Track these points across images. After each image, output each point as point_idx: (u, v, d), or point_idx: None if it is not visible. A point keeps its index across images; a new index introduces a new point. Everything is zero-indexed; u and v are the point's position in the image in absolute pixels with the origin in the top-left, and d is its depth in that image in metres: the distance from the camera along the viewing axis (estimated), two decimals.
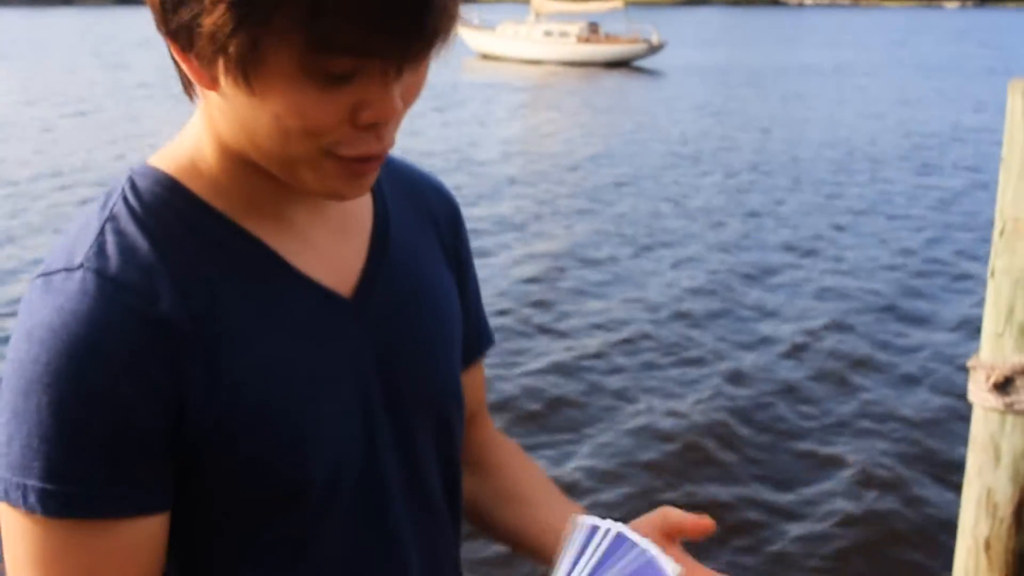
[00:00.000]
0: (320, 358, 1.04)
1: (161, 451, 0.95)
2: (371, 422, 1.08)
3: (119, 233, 0.97)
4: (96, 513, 0.93)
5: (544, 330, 7.96)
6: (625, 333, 7.91)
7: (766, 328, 8.13)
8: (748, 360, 7.37)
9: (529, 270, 9.51)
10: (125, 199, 1.01)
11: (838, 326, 8.17)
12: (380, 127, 0.97)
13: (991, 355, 3.03)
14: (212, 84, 0.95)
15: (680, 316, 8.41)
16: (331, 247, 1.09)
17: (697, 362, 7.32)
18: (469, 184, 13.45)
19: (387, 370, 1.10)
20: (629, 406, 6.49)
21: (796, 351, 7.58)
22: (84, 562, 0.93)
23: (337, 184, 0.98)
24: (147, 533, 0.96)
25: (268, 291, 1.02)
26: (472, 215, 11.40)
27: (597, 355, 7.42)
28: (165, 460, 0.96)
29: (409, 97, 0.98)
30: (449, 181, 12.72)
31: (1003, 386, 2.99)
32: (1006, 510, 3.09)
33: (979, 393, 3.05)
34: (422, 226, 1.21)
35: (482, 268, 9.01)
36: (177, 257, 0.97)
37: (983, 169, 15.15)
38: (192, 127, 1.06)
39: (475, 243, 7.24)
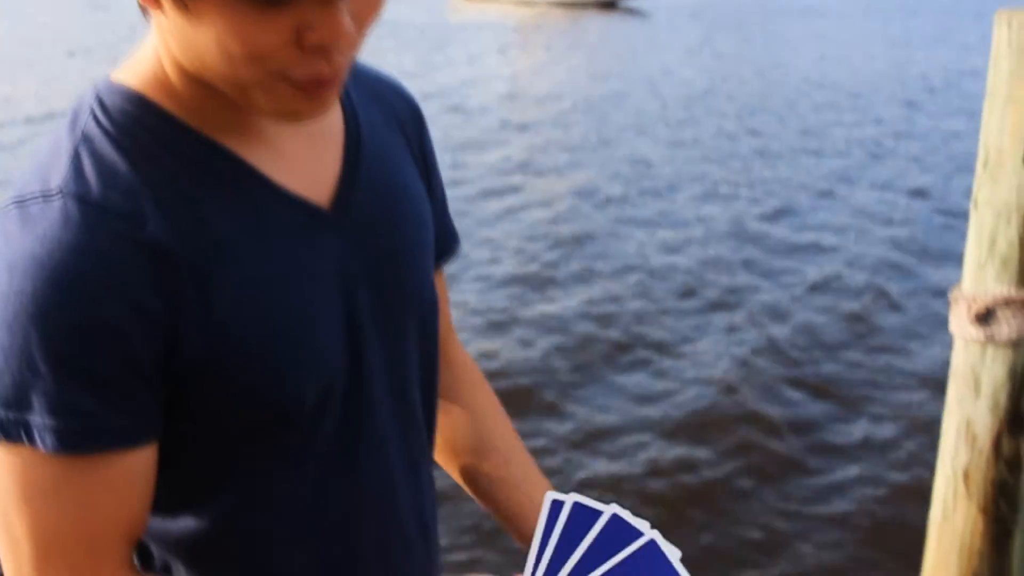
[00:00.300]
0: (307, 273, 1.02)
1: (156, 380, 0.94)
2: (359, 334, 1.07)
3: (95, 155, 0.94)
4: (92, 446, 0.91)
5: (548, 277, 7.94)
6: (633, 276, 7.89)
7: (776, 268, 8.13)
8: (758, 299, 7.37)
9: (537, 214, 9.47)
10: (96, 119, 0.97)
11: (849, 265, 8.18)
12: (330, 50, 0.92)
13: (973, 286, 3.03)
14: (155, 2, 0.91)
15: (680, 261, 8.42)
16: (305, 158, 1.07)
17: (706, 303, 7.32)
18: (460, 127, 13.37)
19: (371, 280, 1.08)
20: (645, 351, 6.49)
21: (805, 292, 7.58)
22: (79, 496, 0.92)
23: (292, 106, 0.95)
24: (141, 463, 0.96)
25: (251, 207, 1.00)
26: (465, 161, 11.35)
27: (608, 299, 7.41)
28: (159, 388, 0.95)
29: (364, 18, 0.93)
30: (439, 124, 12.71)
31: (984, 317, 2.99)
32: (985, 441, 3.11)
33: (960, 324, 3.06)
34: (390, 130, 1.19)
35: (480, 213, 9.07)
36: (158, 177, 0.94)
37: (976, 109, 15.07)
38: (151, 42, 1.02)
39: (471, 188, 7.18)
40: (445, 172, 1.28)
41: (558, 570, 1.05)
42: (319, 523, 1.09)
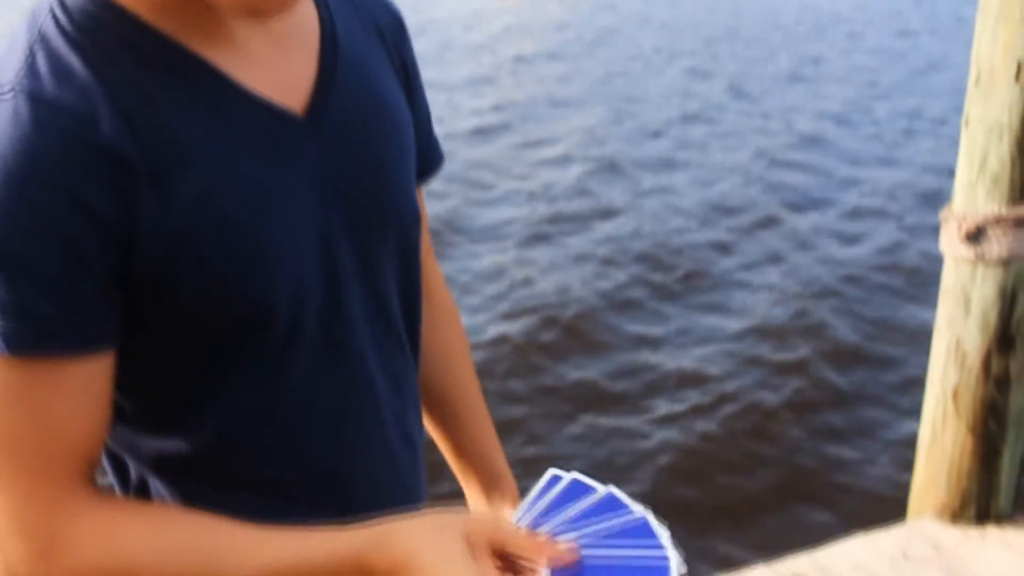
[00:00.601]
0: (276, 179, 1.00)
1: (110, 284, 0.91)
2: (332, 243, 1.05)
3: (51, 54, 0.91)
4: (44, 350, 0.90)
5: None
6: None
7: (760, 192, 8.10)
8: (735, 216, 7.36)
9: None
10: (55, 17, 0.94)
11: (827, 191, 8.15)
12: None
13: (963, 205, 3.02)
14: None
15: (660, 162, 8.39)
16: (278, 63, 1.03)
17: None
18: (457, 63, 13.23)
19: (346, 189, 1.06)
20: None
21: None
22: (31, 401, 0.91)
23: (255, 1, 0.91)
24: (96, 370, 0.94)
25: (216, 112, 0.97)
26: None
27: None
28: (115, 294, 0.92)
29: None
30: (438, 60, 12.55)
31: (975, 236, 2.99)
32: (975, 360, 3.12)
33: (950, 243, 3.05)
34: (369, 38, 1.15)
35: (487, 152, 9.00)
36: (117, 78, 0.92)
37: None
38: None
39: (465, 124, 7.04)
40: (443, 109, 1.25)
41: (541, 524, 1.05)
42: (300, 436, 1.08)
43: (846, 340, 5.61)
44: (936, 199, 7.58)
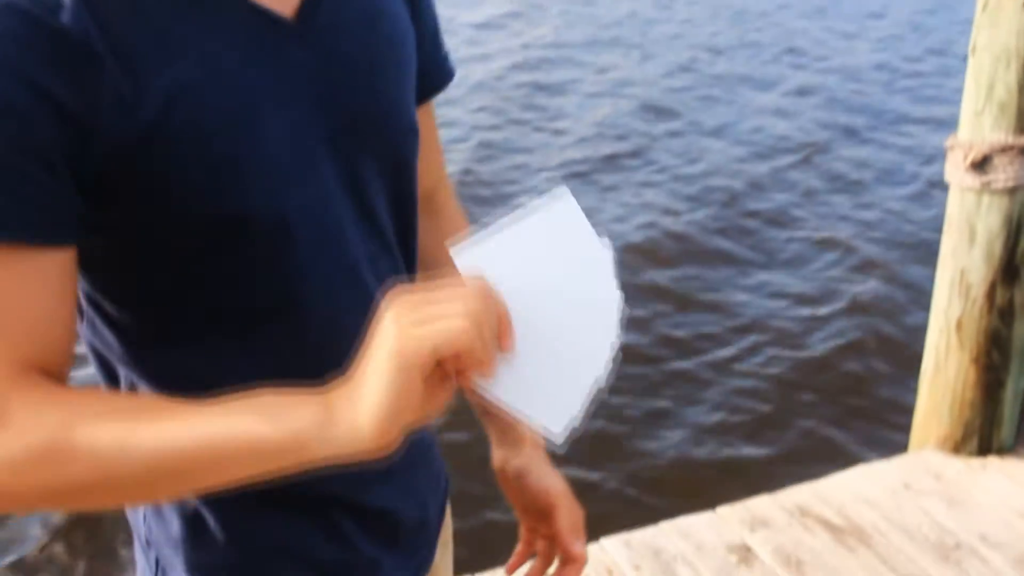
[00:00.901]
0: (259, 82, 0.96)
1: (67, 174, 0.88)
2: (316, 153, 1.02)
3: None
4: None
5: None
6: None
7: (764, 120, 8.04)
8: (737, 145, 7.31)
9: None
10: None
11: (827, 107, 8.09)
12: None
13: (969, 133, 2.98)
14: None
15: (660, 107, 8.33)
16: None
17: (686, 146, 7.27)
18: None
19: (334, 98, 1.02)
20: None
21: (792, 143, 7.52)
22: None
23: None
24: (54, 265, 0.91)
25: (199, 7, 0.94)
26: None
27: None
28: (73, 185, 0.90)
29: None
30: None
31: (980, 165, 2.95)
32: (979, 290, 3.10)
33: (955, 173, 3.02)
34: None
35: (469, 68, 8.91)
36: None
37: None
38: None
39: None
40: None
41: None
42: (291, 346, 1.06)
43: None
44: None
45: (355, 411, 0.86)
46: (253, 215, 0.97)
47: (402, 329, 0.84)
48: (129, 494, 0.97)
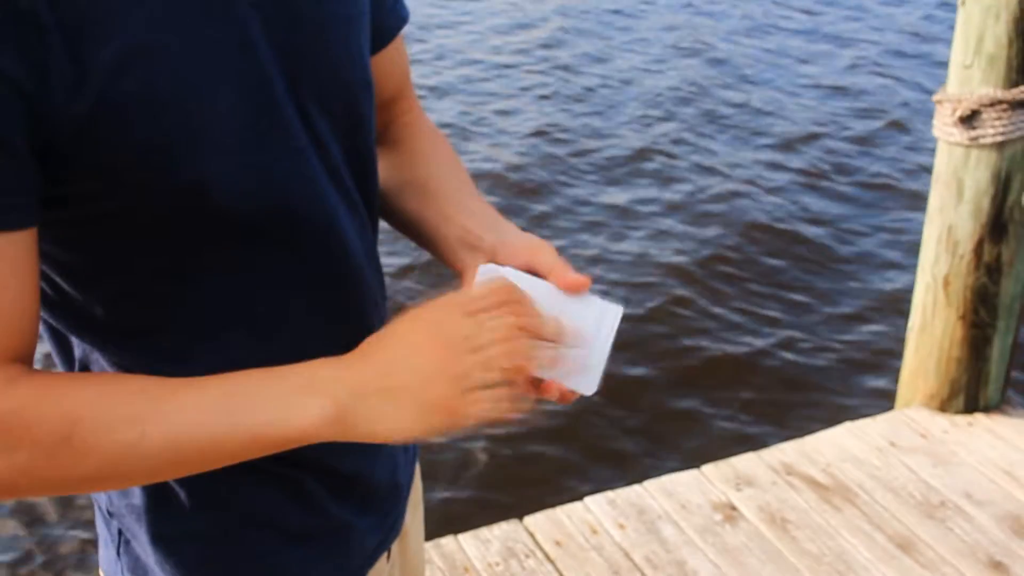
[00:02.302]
0: (206, 42, 0.92)
1: (26, 153, 0.86)
2: (273, 111, 0.98)
3: None
4: None
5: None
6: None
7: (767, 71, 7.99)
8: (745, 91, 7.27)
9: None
10: None
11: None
12: None
13: (958, 87, 2.95)
14: None
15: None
16: None
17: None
18: None
19: (285, 54, 0.99)
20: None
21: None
22: None
23: None
24: (18, 247, 0.88)
25: None
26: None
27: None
28: (33, 163, 0.87)
29: None
30: None
31: (969, 119, 2.92)
32: (967, 247, 3.07)
33: (943, 127, 2.98)
34: None
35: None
36: None
37: None
38: None
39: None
40: None
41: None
42: (253, 308, 1.03)
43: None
44: None
45: (374, 425, 0.93)
46: (207, 179, 0.93)
47: (456, 380, 0.92)
48: (132, 483, 1.00)
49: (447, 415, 0.92)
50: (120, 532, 1.11)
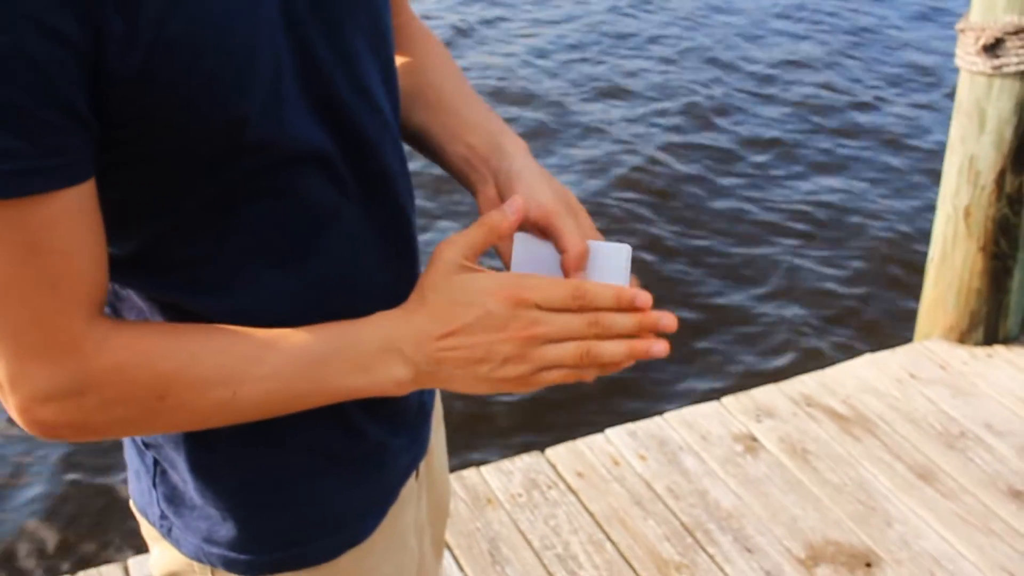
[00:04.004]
0: None
1: (86, 112, 0.86)
2: (307, 39, 0.98)
3: None
4: (26, 189, 0.85)
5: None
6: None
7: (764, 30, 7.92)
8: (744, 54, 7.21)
9: None
10: None
11: None
12: None
13: (981, 16, 2.91)
14: None
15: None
16: None
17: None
18: None
19: None
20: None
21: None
22: (25, 240, 0.86)
23: None
24: (84, 199, 0.89)
25: None
26: None
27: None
28: (88, 123, 0.87)
29: None
30: None
31: (992, 48, 2.89)
32: (988, 177, 3.05)
33: (966, 57, 2.95)
34: None
35: None
36: None
37: None
38: None
39: None
40: None
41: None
42: (290, 240, 1.03)
43: None
44: None
45: (448, 384, 1.00)
46: (254, 116, 0.94)
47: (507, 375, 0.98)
48: (211, 427, 1.02)
49: (515, 387, 0.99)
50: (156, 462, 1.12)
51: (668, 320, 0.99)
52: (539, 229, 1.08)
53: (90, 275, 0.93)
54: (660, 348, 0.99)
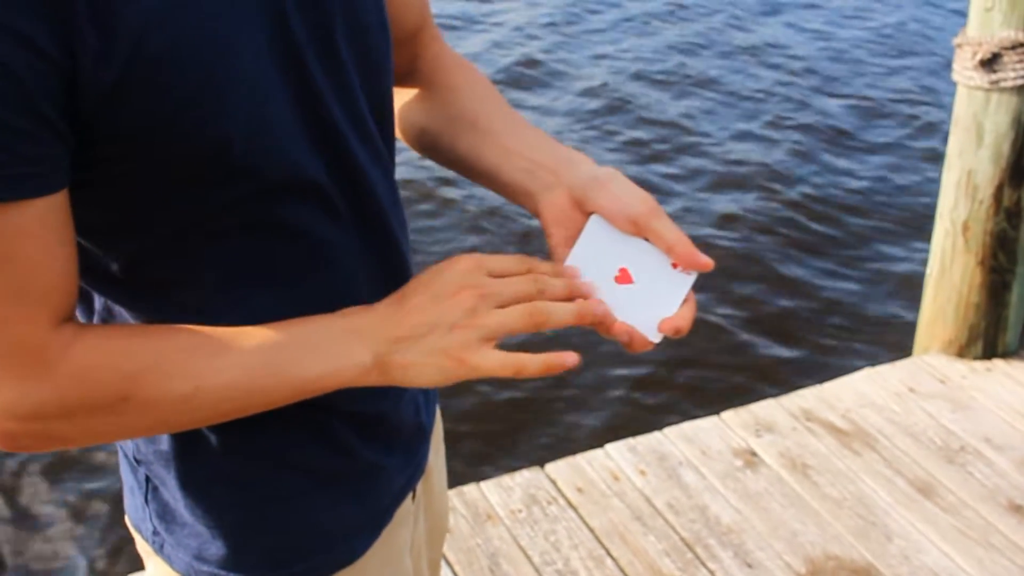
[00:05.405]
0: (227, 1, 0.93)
1: (57, 125, 0.85)
2: (296, 64, 0.98)
3: None
4: (3, 196, 0.84)
5: None
6: None
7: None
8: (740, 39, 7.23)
9: None
10: None
11: None
12: None
13: (978, 31, 2.92)
14: None
15: None
16: None
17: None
18: None
19: (301, 3, 0.98)
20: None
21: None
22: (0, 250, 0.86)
23: None
24: (56, 209, 0.89)
25: None
26: None
27: None
28: (64, 135, 0.87)
29: None
30: None
31: (989, 63, 2.90)
32: (986, 192, 3.06)
33: (963, 71, 2.96)
34: None
35: None
36: None
37: None
38: None
39: None
40: None
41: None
42: (293, 269, 1.03)
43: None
44: None
45: (405, 371, 0.98)
46: (236, 137, 0.93)
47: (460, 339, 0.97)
48: (178, 431, 1.02)
49: (457, 364, 0.96)
50: (148, 479, 1.12)
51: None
52: (636, 230, 1.07)
53: (60, 284, 0.92)
54: (602, 310, 1.02)
